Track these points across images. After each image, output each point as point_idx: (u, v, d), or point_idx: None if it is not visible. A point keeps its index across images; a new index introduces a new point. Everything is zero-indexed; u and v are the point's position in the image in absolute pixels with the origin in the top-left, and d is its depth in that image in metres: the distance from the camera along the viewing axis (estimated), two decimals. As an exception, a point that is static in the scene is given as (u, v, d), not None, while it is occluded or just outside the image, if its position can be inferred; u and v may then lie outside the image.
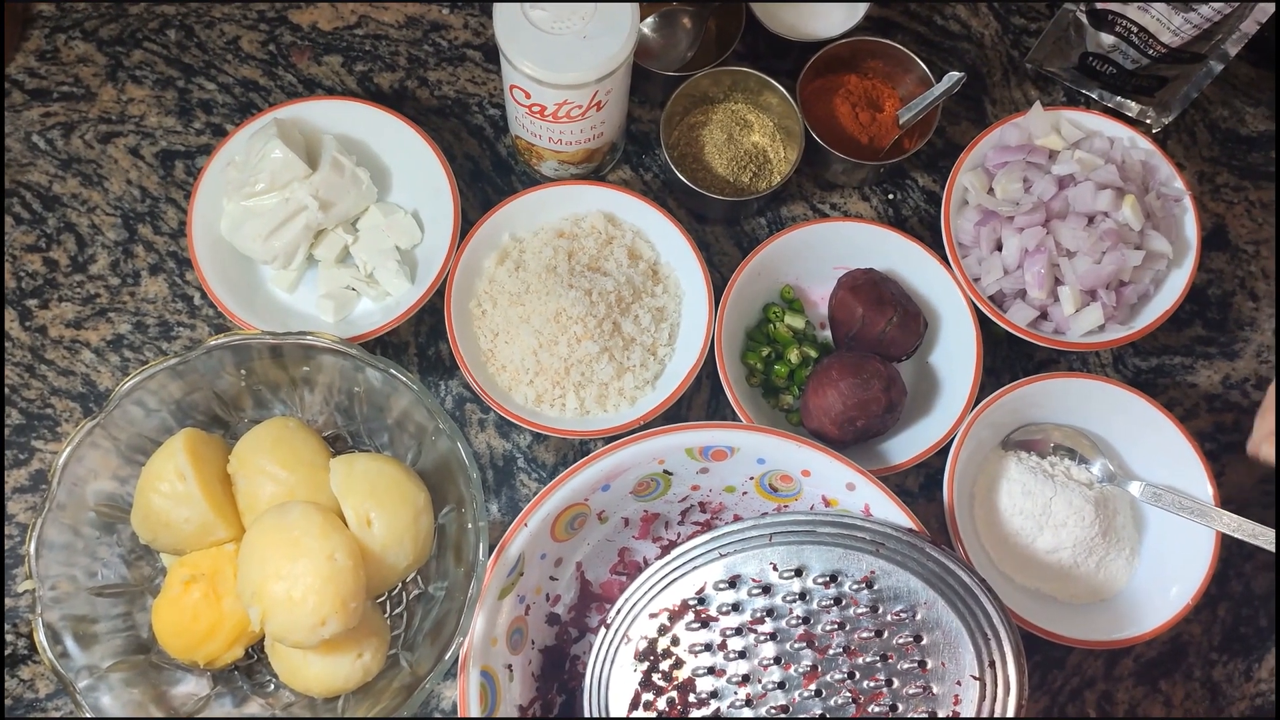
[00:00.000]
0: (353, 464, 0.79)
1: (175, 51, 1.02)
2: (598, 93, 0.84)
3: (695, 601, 0.74)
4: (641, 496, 0.82)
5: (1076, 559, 0.85)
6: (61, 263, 0.95)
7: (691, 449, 0.78)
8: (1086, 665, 0.89)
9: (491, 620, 0.75)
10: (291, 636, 0.72)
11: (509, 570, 0.76)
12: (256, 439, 0.80)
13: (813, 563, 0.73)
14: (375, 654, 0.77)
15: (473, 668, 0.73)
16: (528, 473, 0.92)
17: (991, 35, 1.06)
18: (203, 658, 0.77)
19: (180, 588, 0.77)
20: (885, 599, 0.72)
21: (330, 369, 0.81)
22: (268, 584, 0.71)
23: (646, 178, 1.00)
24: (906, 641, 0.71)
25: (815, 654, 0.72)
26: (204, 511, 0.76)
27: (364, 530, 0.76)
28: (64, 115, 0.99)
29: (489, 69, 1.03)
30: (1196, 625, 0.90)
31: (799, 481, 0.79)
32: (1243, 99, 1.05)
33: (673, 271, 0.93)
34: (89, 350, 0.93)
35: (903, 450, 0.87)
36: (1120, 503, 0.88)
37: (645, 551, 0.86)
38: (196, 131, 0.99)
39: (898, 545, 0.73)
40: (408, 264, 0.93)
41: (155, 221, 0.96)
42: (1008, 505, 0.87)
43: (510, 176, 1.00)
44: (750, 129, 0.98)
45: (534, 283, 0.88)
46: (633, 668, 0.74)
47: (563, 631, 0.83)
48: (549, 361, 0.87)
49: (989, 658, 0.70)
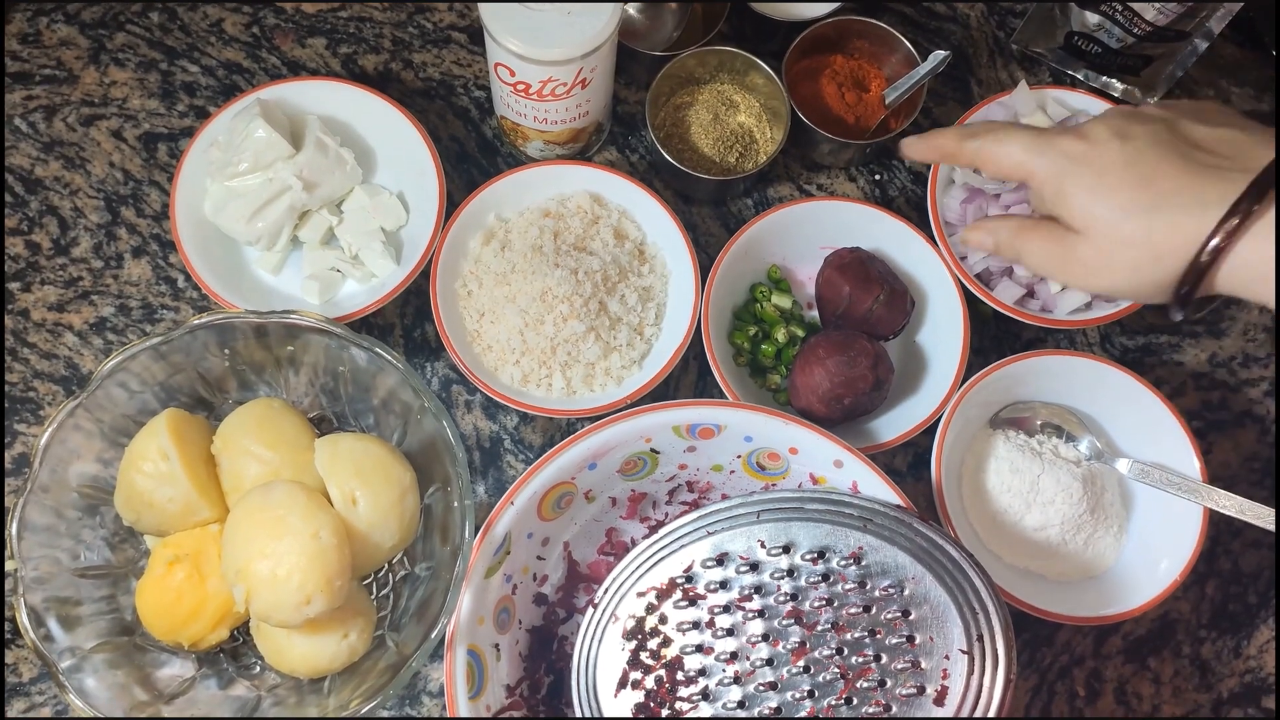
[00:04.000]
0: (338, 443, 0.78)
1: (158, 34, 1.01)
2: (582, 70, 0.83)
3: (683, 580, 0.74)
4: (628, 475, 0.82)
5: (1064, 536, 0.85)
6: (44, 246, 0.94)
7: (678, 427, 0.78)
8: (1075, 642, 0.89)
9: (479, 599, 0.75)
10: (276, 615, 0.71)
11: (495, 549, 0.75)
12: (241, 419, 0.80)
13: (800, 539, 0.73)
14: (361, 634, 0.76)
15: (459, 647, 0.73)
16: (514, 454, 0.91)
17: (977, 16, 1.06)
18: (187, 639, 0.76)
19: (164, 569, 0.76)
20: (873, 574, 0.71)
21: (315, 349, 0.81)
22: (252, 562, 0.71)
23: (633, 159, 1.00)
24: (895, 617, 0.70)
25: (803, 630, 0.71)
26: (187, 491, 0.76)
27: (349, 509, 0.76)
28: (46, 98, 0.98)
29: (474, 51, 1.02)
30: (1185, 603, 0.90)
31: (786, 459, 0.79)
32: (1229, 79, 1.05)
33: (659, 251, 0.92)
34: (72, 333, 0.92)
35: (890, 429, 0.87)
36: (1108, 480, 0.88)
37: (633, 532, 0.85)
38: (180, 114, 0.99)
39: (885, 521, 0.72)
40: (393, 245, 0.92)
41: (138, 204, 0.96)
42: (995, 483, 0.87)
43: (496, 158, 0.99)
44: (736, 109, 0.98)
45: (520, 262, 0.88)
46: (620, 646, 0.74)
47: (550, 612, 0.83)
48: (535, 341, 0.86)
49: (977, 632, 0.69)
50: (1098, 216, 0.64)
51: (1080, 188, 0.65)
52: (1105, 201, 0.63)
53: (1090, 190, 0.64)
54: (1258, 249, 0.59)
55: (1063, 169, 0.66)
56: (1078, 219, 0.65)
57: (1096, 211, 0.64)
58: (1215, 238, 0.59)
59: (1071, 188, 0.65)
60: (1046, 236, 0.68)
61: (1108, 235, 0.63)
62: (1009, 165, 0.69)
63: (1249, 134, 0.62)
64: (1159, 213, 0.61)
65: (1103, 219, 0.63)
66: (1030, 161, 0.68)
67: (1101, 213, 0.63)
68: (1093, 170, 0.64)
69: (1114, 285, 0.65)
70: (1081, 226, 0.65)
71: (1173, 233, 0.61)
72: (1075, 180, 0.65)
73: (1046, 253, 0.68)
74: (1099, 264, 0.65)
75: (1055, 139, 0.67)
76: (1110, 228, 0.63)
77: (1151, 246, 0.62)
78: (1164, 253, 0.61)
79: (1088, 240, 0.65)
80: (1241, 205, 0.58)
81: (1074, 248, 0.66)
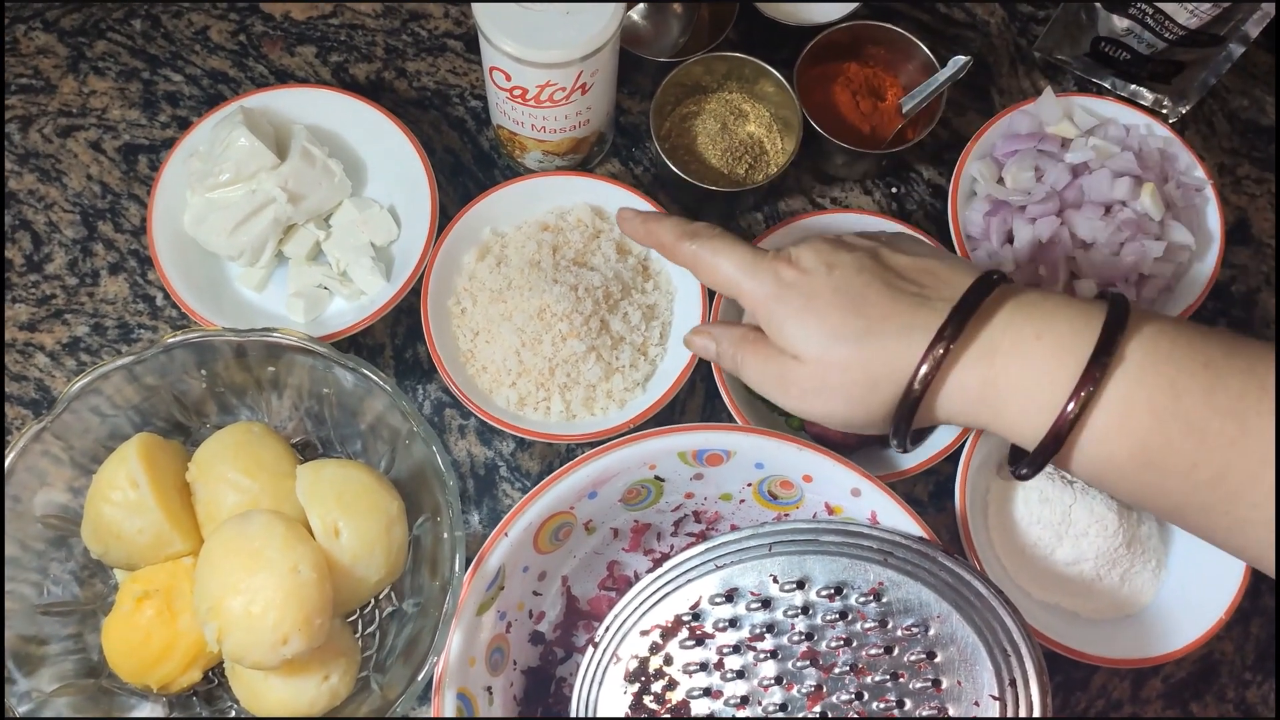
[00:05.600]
0: (320, 470, 0.74)
1: (140, 42, 0.97)
2: (582, 73, 0.79)
3: (689, 617, 0.70)
4: (631, 505, 0.78)
5: (1099, 571, 0.80)
6: (16, 262, 0.90)
7: (685, 453, 0.74)
8: (1112, 686, 0.84)
9: (470, 638, 0.71)
10: (250, 656, 0.67)
11: (488, 583, 0.71)
12: (218, 444, 0.76)
13: (816, 574, 0.69)
14: (344, 676, 0.72)
15: (448, 690, 0.69)
16: (510, 482, 0.87)
17: (997, 23, 1.02)
18: (156, 681, 0.72)
19: (132, 605, 0.72)
20: (895, 612, 0.67)
21: (299, 370, 0.77)
22: (225, 598, 0.66)
23: (637, 171, 0.96)
24: (919, 659, 0.66)
25: (820, 673, 0.67)
26: (158, 522, 0.72)
27: (331, 541, 0.71)
28: (22, 109, 0.95)
29: (470, 59, 0.99)
30: (1228, 643, 0.85)
31: (800, 488, 0.75)
32: (1262, 88, 1.01)
33: (664, 267, 0.89)
34: (43, 354, 0.88)
35: (910, 456, 0.83)
36: (1144, 511, 0.83)
37: (636, 565, 0.81)
38: (162, 125, 0.95)
39: (908, 554, 0.68)
40: (383, 261, 0.88)
41: (116, 218, 0.92)
42: (1024, 514, 0.82)
43: (493, 170, 0.95)
44: (745, 119, 0.94)
45: (516, 278, 0.84)
46: (623, 689, 0.70)
47: (547, 651, 0.79)
48: (532, 362, 0.82)
49: (1009, 675, 0.65)
50: (810, 340, 0.63)
51: (790, 312, 0.64)
52: (817, 327, 0.62)
53: (799, 315, 0.63)
54: (972, 375, 0.59)
55: (772, 293, 0.65)
56: (790, 344, 0.64)
57: (809, 335, 0.63)
58: (924, 364, 0.59)
59: (783, 312, 0.64)
60: (766, 356, 0.66)
61: (821, 359, 0.62)
62: (721, 280, 0.68)
63: (946, 264, 0.63)
64: (871, 337, 0.61)
65: (815, 343, 0.63)
66: (743, 282, 0.66)
67: (814, 336, 0.62)
68: (802, 296, 0.63)
69: (831, 411, 0.64)
70: (796, 352, 0.64)
71: (887, 358, 0.60)
72: (785, 305, 0.64)
73: (764, 372, 0.67)
74: (814, 387, 0.63)
75: (770, 262, 0.66)
76: (823, 351, 0.62)
77: (866, 371, 0.61)
78: (879, 378, 0.61)
79: (803, 365, 0.64)
80: (946, 332, 0.59)
81: (791, 370, 0.64)
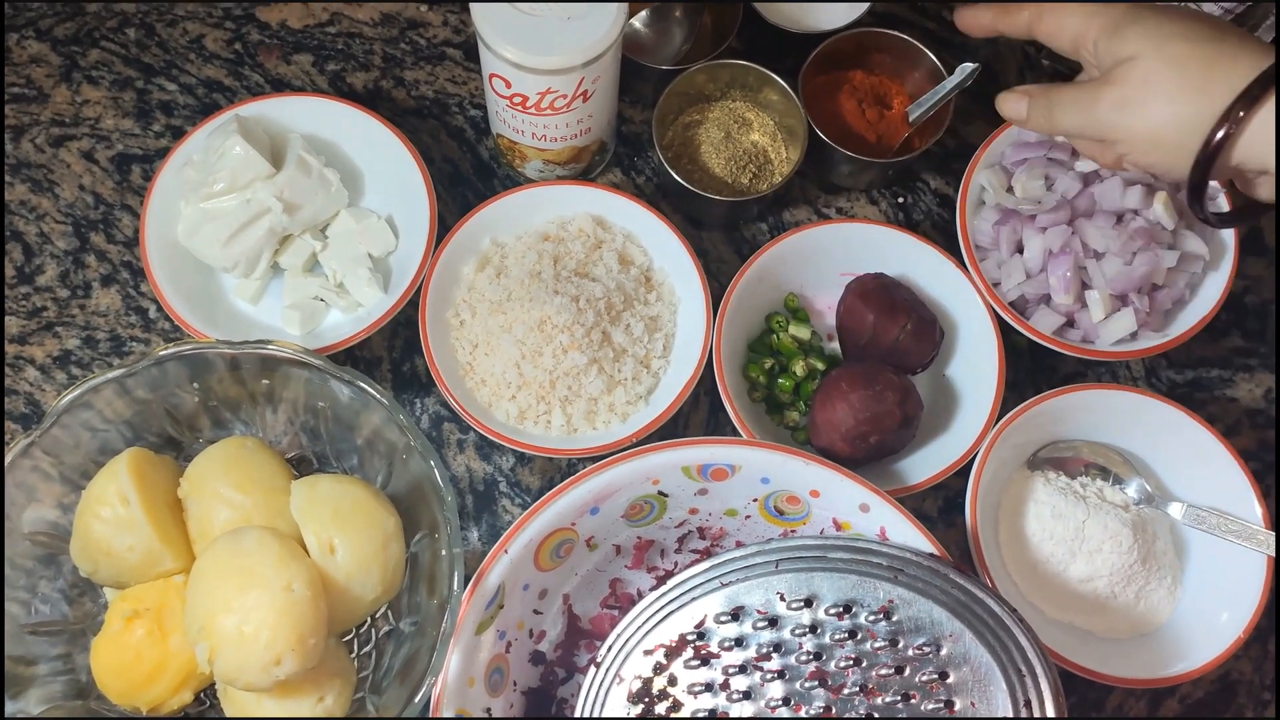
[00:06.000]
0: (315, 486, 0.73)
1: (135, 51, 0.96)
2: (583, 80, 0.78)
3: (694, 636, 0.68)
4: (634, 521, 0.76)
5: (1114, 589, 0.78)
6: (6, 274, 0.89)
7: (689, 467, 0.72)
8: (1128, 707, 0.82)
9: (468, 658, 0.69)
10: (242, 677, 0.65)
11: (487, 602, 0.69)
12: (210, 460, 0.74)
13: (824, 592, 0.67)
14: (338, 697, 0.71)
15: (446, 711, 0.67)
16: (511, 498, 0.85)
17: (1005, 31, 1.01)
18: (146, 703, 0.70)
19: (121, 624, 0.70)
20: (906, 631, 0.65)
21: (294, 383, 0.75)
22: (216, 617, 0.65)
23: (639, 181, 0.94)
24: (931, 679, 0.64)
25: (828, 694, 0.65)
26: (149, 539, 0.70)
27: (326, 558, 0.70)
28: (14, 118, 0.93)
29: (470, 68, 0.97)
30: (1246, 662, 0.83)
31: (807, 503, 0.73)
32: (1274, 96, 0.99)
33: (667, 278, 0.87)
34: (33, 367, 0.87)
35: (920, 470, 0.81)
36: (1160, 526, 0.81)
37: (639, 583, 0.80)
38: (156, 134, 0.94)
39: (918, 571, 0.66)
40: (380, 272, 0.87)
41: (109, 229, 0.90)
42: (1036, 530, 0.80)
43: (492, 180, 0.94)
44: (749, 127, 0.92)
45: (516, 289, 0.82)
46: (626, 711, 0.68)
47: (548, 671, 0.77)
48: (533, 374, 0.80)
49: (1024, 697, 0.63)
50: (1153, 37, 0.64)
51: (1142, 18, 0.66)
52: (1164, 28, 0.64)
53: (1152, 21, 0.65)
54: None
55: (1126, 13, 0.67)
56: (1131, 46, 0.65)
57: (1155, 33, 0.64)
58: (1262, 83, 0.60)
59: (1131, 22, 0.66)
60: (1077, 87, 0.69)
61: (1157, 55, 0.64)
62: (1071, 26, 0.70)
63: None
64: (1216, 41, 0.63)
65: (1156, 40, 0.64)
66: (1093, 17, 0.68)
67: (1158, 35, 0.64)
68: (1154, 12, 0.66)
69: (1144, 120, 0.65)
70: (1133, 52, 0.65)
71: (1228, 62, 0.61)
72: (1137, 15, 0.66)
73: (1076, 101, 0.68)
74: (1135, 96, 0.65)
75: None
76: (1163, 45, 0.64)
77: (1203, 67, 0.62)
78: (1212, 80, 0.62)
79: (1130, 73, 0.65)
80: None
81: (1107, 86, 0.66)
